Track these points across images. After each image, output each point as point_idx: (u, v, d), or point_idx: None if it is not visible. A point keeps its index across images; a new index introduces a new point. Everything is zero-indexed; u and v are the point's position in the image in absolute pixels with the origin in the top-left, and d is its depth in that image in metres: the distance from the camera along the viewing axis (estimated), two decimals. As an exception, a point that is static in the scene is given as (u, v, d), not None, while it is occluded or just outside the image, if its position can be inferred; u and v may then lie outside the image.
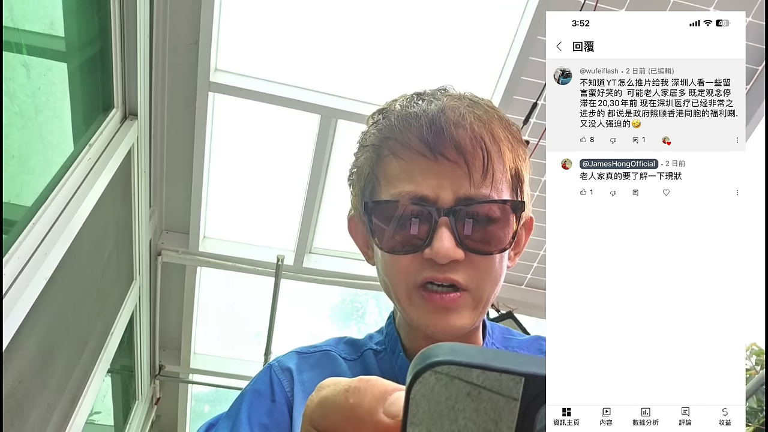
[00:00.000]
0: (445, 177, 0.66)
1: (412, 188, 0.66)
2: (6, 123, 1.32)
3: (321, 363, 0.77)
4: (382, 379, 0.30)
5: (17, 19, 1.40)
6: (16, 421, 1.46)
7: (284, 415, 0.71)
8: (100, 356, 2.21)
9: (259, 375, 0.77)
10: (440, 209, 0.66)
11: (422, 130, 0.67)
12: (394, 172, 0.69)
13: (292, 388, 0.73)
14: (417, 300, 0.68)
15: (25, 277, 1.39)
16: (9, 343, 1.31)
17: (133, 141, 2.10)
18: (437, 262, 0.66)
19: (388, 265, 0.70)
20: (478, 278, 0.67)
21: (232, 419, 0.72)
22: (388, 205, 0.68)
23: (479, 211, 0.67)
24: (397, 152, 0.69)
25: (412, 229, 0.66)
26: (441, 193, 0.66)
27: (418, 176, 0.67)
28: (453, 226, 0.65)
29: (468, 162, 0.66)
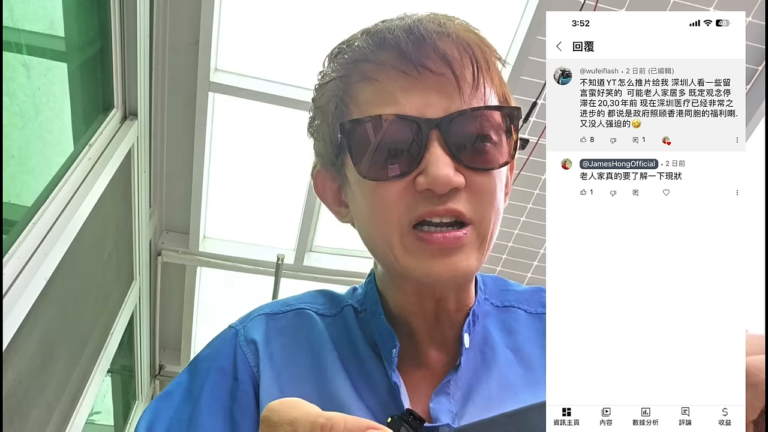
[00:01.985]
0: (431, 93, 0.56)
1: (394, 109, 0.56)
2: (6, 123, 1.32)
3: (293, 325, 0.67)
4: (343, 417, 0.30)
5: (17, 19, 1.40)
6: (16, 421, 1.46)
7: (249, 394, 0.62)
8: (100, 356, 2.21)
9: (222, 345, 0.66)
10: (430, 121, 0.55)
11: (399, 42, 0.57)
12: (369, 97, 0.58)
13: (258, 365, 0.63)
14: (412, 245, 0.57)
15: (25, 277, 1.39)
16: (9, 343, 1.31)
17: (133, 141, 2.10)
18: (435, 193, 0.55)
19: (373, 207, 0.58)
20: (482, 207, 0.57)
21: (192, 401, 0.63)
22: (367, 122, 0.56)
23: (474, 123, 0.56)
24: (370, 74, 0.58)
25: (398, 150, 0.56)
26: (428, 110, 0.55)
27: (399, 96, 0.56)
28: (446, 143, 0.55)
29: (456, 73, 0.56)
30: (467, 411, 0.59)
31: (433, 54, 0.56)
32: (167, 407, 0.64)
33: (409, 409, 0.55)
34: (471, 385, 0.61)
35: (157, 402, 0.65)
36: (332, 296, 0.71)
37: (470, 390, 0.61)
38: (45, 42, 1.61)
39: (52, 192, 1.60)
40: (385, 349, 0.63)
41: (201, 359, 0.67)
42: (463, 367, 0.62)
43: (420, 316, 0.63)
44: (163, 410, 0.64)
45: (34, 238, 1.47)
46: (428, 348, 0.64)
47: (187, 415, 0.62)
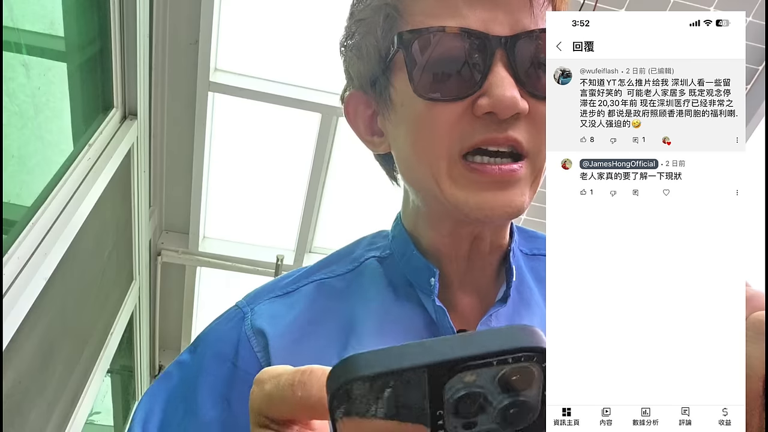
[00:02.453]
0: (498, 7, 0.51)
1: (458, 23, 0.51)
2: (6, 123, 1.32)
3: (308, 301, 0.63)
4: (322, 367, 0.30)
5: (17, 18, 1.40)
6: (16, 421, 1.46)
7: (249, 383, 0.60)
8: (100, 356, 2.21)
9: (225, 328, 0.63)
10: (498, 38, 0.51)
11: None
12: (427, 8, 0.53)
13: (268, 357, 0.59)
14: (462, 176, 0.53)
15: (25, 277, 1.39)
16: (9, 343, 1.31)
17: (132, 141, 2.10)
18: (497, 117, 0.51)
19: (423, 130, 0.54)
20: (541, 139, 0.52)
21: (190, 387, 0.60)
22: (429, 34, 0.51)
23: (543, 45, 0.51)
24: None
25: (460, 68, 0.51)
26: (494, 27, 0.51)
27: (462, 8, 0.52)
28: (512, 63, 0.51)
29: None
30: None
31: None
32: (164, 392, 0.62)
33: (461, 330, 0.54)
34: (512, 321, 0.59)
35: (156, 385, 0.63)
36: (347, 253, 0.68)
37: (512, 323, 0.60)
38: (45, 42, 1.61)
39: (51, 192, 1.60)
40: (423, 282, 0.60)
41: (202, 341, 0.64)
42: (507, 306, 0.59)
43: (453, 258, 0.61)
44: (159, 396, 0.62)
45: (33, 238, 1.47)
46: (458, 290, 0.62)
47: (183, 404, 0.60)
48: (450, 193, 0.54)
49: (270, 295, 0.65)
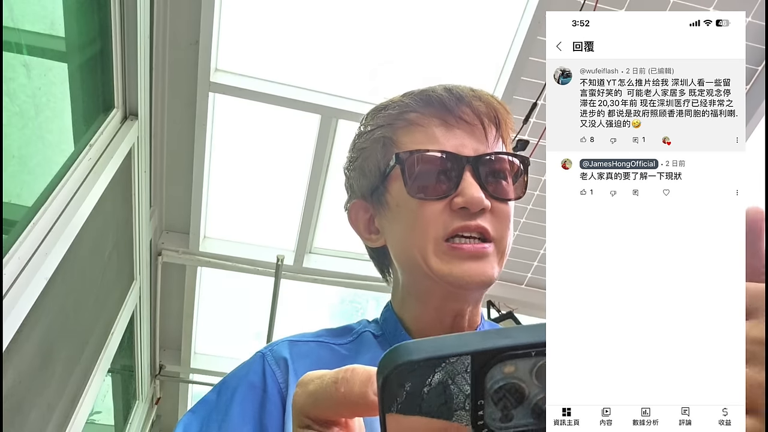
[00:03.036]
0: (464, 138, 0.72)
1: (437, 147, 0.72)
2: (6, 123, 1.32)
3: (314, 352, 0.77)
4: (362, 366, 0.33)
5: (17, 19, 1.40)
6: (17, 421, 1.46)
7: (278, 407, 0.70)
8: (101, 356, 2.21)
9: (250, 365, 0.75)
10: (466, 158, 0.71)
11: (443, 99, 0.73)
12: (414, 138, 0.74)
13: (287, 381, 0.72)
14: (445, 254, 0.70)
15: (26, 277, 1.39)
16: (9, 343, 1.31)
17: (133, 141, 2.10)
18: (469, 211, 0.69)
19: (415, 222, 0.71)
20: (502, 228, 0.72)
21: (221, 413, 0.70)
22: (420, 153, 0.71)
23: (498, 163, 0.73)
24: (414, 121, 0.74)
25: (441, 177, 0.71)
26: (463, 150, 0.71)
27: (440, 138, 0.72)
28: (477, 174, 0.70)
29: (485, 125, 0.73)
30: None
31: (467, 110, 0.73)
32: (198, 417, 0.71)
33: None
34: None
35: (189, 415, 0.72)
36: (345, 328, 0.82)
37: None
38: (45, 42, 1.61)
39: (52, 192, 1.60)
40: None
41: (231, 377, 0.75)
42: None
43: (438, 331, 0.74)
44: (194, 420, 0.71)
45: (34, 238, 1.47)
46: None
47: (217, 424, 0.69)
48: (437, 268, 0.70)
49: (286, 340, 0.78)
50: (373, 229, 0.80)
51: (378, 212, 0.78)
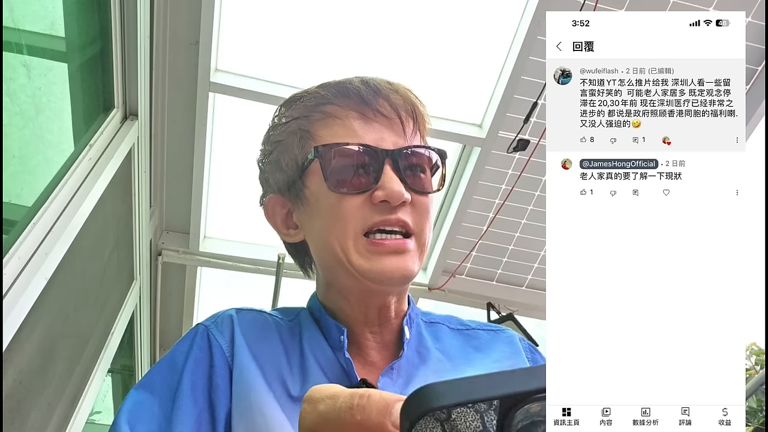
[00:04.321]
0: (383, 131, 0.72)
1: (356, 140, 0.71)
2: (6, 123, 1.32)
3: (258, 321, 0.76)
4: (379, 391, 0.33)
5: (18, 19, 1.40)
6: (17, 421, 1.46)
7: (224, 379, 0.69)
8: (101, 356, 2.21)
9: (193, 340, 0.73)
10: (385, 151, 0.70)
11: (360, 92, 0.73)
12: (332, 131, 0.73)
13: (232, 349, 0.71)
14: (365, 249, 0.69)
15: (26, 277, 1.39)
16: (9, 343, 1.31)
17: (133, 141, 2.10)
18: (389, 204, 0.69)
19: (334, 217, 0.70)
20: (422, 221, 0.72)
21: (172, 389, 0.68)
22: (338, 147, 0.70)
23: (417, 156, 0.73)
24: (332, 113, 0.73)
25: (361, 170, 0.70)
26: (382, 143, 0.71)
27: (358, 131, 0.72)
28: (397, 167, 0.70)
29: (402, 118, 0.73)
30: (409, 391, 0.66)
31: (385, 103, 0.73)
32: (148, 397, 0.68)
33: (363, 378, 0.66)
34: (411, 373, 0.73)
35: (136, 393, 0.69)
36: (287, 309, 0.82)
37: (410, 377, 0.72)
38: (45, 42, 1.61)
39: (52, 192, 1.60)
40: (335, 339, 0.74)
41: (176, 353, 0.73)
42: (403, 360, 0.73)
43: (364, 323, 0.74)
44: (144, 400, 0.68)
45: (34, 238, 1.47)
46: (371, 350, 0.75)
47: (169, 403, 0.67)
48: (357, 264, 0.69)
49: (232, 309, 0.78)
50: (291, 224, 0.79)
51: (296, 207, 0.77)
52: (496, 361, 0.77)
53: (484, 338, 0.81)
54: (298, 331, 0.77)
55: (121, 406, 0.66)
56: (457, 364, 0.76)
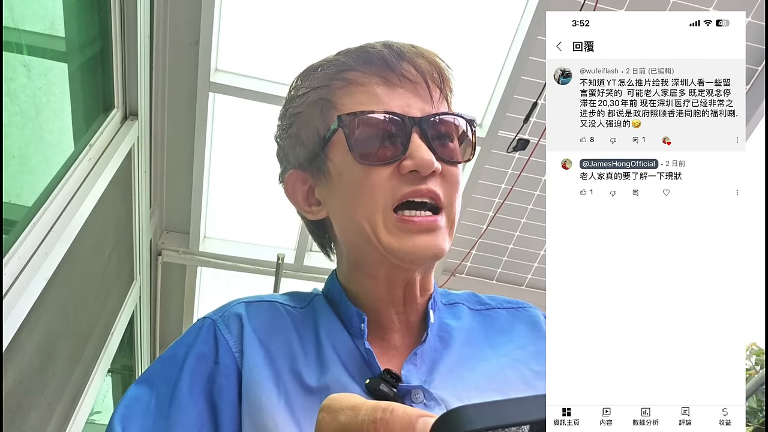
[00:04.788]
0: (409, 97, 0.68)
1: (381, 108, 0.67)
2: (6, 123, 1.32)
3: (269, 312, 0.72)
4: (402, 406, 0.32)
5: (18, 19, 1.40)
6: (17, 421, 1.46)
7: (230, 379, 0.65)
8: (101, 356, 2.21)
9: (198, 333, 0.70)
10: (413, 119, 0.66)
11: (384, 56, 0.69)
12: (355, 98, 0.69)
13: (241, 346, 0.67)
14: (395, 226, 0.66)
15: (26, 276, 1.39)
16: (9, 343, 1.31)
17: (133, 141, 2.10)
18: (419, 174, 0.65)
19: (362, 189, 0.67)
20: (452, 193, 0.68)
21: (171, 385, 0.65)
22: (363, 115, 0.67)
23: (446, 124, 0.69)
24: (356, 80, 0.69)
25: (388, 140, 0.66)
26: (408, 110, 0.67)
27: (383, 98, 0.68)
28: (425, 135, 0.66)
29: (428, 82, 0.69)
30: (434, 378, 0.67)
31: (410, 67, 0.69)
32: (147, 391, 0.66)
33: (386, 369, 0.64)
34: (434, 359, 0.69)
35: (135, 387, 0.66)
36: (299, 294, 0.78)
37: (434, 363, 0.69)
38: (45, 42, 1.61)
39: (52, 192, 1.60)
40: (355, 326, 0.70)
41: (178, 347, 0.70)
42: (427, 345, 0.70)
43: (390, 303, 0.71)
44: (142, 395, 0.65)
45: (34, 238, 1.47)
46: (395, 332, 0.72)
47: (167, 398, 0.64)
48: (386, 242, 0.66)
49: (238, 301, 0.75)
50: (313, 200, 0.75)
51: (318, 182, 0.73)
52: (520, 347, 0.74)
53: (504, 318, 0.78)
54: (312, 318, 0.73)
55: (119, 402, 0.64)
56: (481, 349, 0.73)
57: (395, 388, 0.63)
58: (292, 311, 0.74)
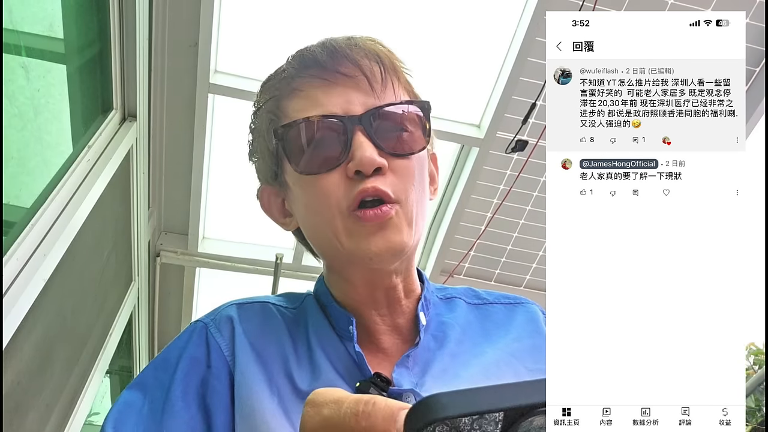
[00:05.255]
0: (349, 92, 0.66)
1: (320, 110, 0.65)
2: (5, 124, 1.32)
3: (261, 313, 0.72)
4: (383, 398, 0.33)
5: (16, 20, 1.40)
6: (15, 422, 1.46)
7: (223, 383, 0.65)
8: (99, 357, 2.21)
9: (190, 336, 0.70)
10: (353, 117, 0.64)
11: (316, 56, 0.67)
12: (297, 106, 0.67)
13: (233, 350, 0.67)
14: (352, 226, 0.64)
15: (24, 277, 1.39)
16: (8, 344, 1.31)
17: (132, 142, 2.10)
18: (363, 174, 0.63)
19: (314, 199, 0.66)
20: (405, 187, 0.65)
21: (164, 390, 0.65)
22: (298, 124, 0.65)
23: (391, 116, 0.66)
24: (296, 87, 0.68)
25: (329, 144, 0.64)
26: (349, 107, 0.65)
27: (322, 99, 0.66)
28: (368, 133, 0.64)
29: (366, 74, 0.66)
30: (426, 381, 0.66)
31: (344, 61, 0.66)
32: (139, 396, 0.66)
33: (377, 372, 0.63)
34: (428, 360, 0.68)
35: (127, 392, 0.66)
36: (292, 294, 0.78)
37: (427, 364, 0.67)
38: (44, 44, 1.61)
39: (51, 193, 1.60)
40: (343, 329, 0.69)
41: (171, 350, 0.70)
42: (420, 347, 0.68)
43: (372, 306, 0.70)
44: (134, 400, 0.65)
45: (33, 239, 1.46)
46: (382, 335, 0.70)
47: (160, 404, 0.64)
48: (347, 245, 0.65)
49: (229, 303, 0.74)
50: (286, 212, 0.75)
51: (285, 195, 0.72)
52: (516, 339, 0.72)
53: (501, 313, 0.76)
54: (303, 320, 0.72)
55: (112, 407, 0.64)
56: (477, 344, 0.71)
57: (385, 392, 0.62)
58: (284, 312, 0.73)
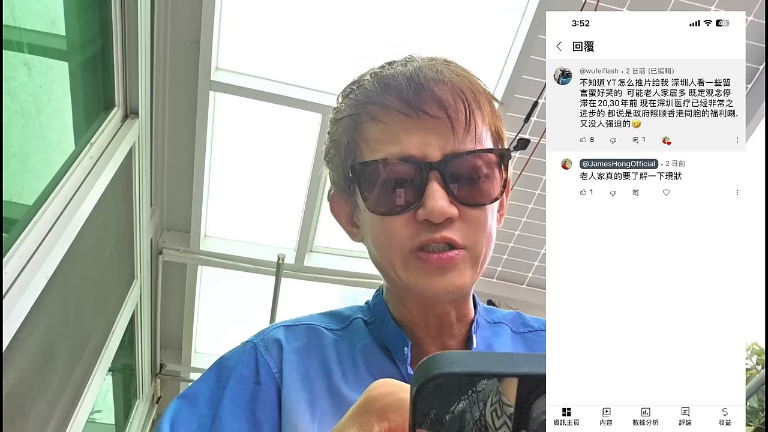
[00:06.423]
0: (429, 134, 0.65)
1: (398, 149, 0.65)
2: (7, 122, 1.32)
3: (307, 335, 0.73)
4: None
5: (18, 17, 1.40)
6: (18, 420, 1.47)
7: (271, 398, 0.67)
8: (101, 355, 2.21)
9: (240, 356, 0.72)
10: (429, 164, 0.64)
11: (401, 89, 0.65)
12: (376, 136, 0.67)
13: (281, 368, 0.69)
14: (413, 264, 0.65)
15: (26, 275, 1.39)
16: (10, 342, 1.31)
17: (134, 140, 2.10)
18: (432, 222, 0.63)
19: (380, 232, 0.67)
20: (474, 234, 0.65)
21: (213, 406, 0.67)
22: (375, 165, 0.65)
23: (468, 164, 0.65)
24: (376, 116, 0.67)
25: (402, 189, 0.64)
26: (428, 150, 0.64)
27: (401, 136, 0.65)
28: (443, 181, 0.64)
29: (450, 116, 0.65)
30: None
31: (430, 100, 0.65)
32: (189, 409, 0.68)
33: None
34: None
35: (179, 403, 0.68)
36: (338, 314, 0.78)
37: None
38: (46, 41, 1.61)
39: (53, 191, 1.60)
40: (397, 349, 0.71)
41: (223, 367, 0.72)
42: None
43: (423, 327, 0.71)
44: (185, 412, 0.67)
45: (35, 237, 1.47)
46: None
47: (209, 419, 0.66)
48: (404, 277, 0.66)
49: (277, 326, 0.75)
50: (354, 222, 0.74)
51: (354, 208, 0.73)
52: None
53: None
54: (350, 340, 0.73)
55: (164, 414, 0.66)
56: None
57: None
58: (331, 332, 0.74)
